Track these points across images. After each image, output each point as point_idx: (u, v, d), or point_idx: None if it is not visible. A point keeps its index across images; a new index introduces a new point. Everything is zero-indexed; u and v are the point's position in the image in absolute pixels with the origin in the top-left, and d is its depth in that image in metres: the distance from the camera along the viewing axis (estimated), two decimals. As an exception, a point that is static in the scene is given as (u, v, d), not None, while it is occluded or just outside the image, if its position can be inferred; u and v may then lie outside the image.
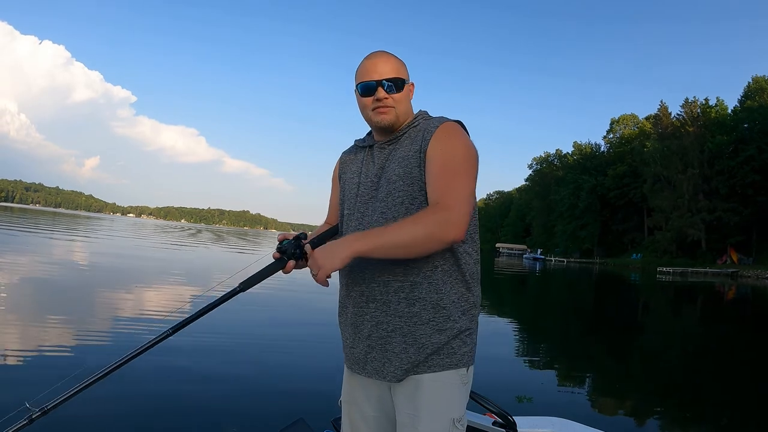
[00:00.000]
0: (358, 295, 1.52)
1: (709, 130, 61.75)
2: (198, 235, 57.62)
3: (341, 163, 1.74)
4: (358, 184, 1.59)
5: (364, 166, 1.60)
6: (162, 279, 12.44)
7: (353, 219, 1.57)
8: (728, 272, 48.09)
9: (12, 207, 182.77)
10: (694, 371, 7.45)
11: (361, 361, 1.52)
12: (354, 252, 1.29)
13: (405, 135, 1.55)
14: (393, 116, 1.53)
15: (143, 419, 3.64)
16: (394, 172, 1.49)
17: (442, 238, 1.34)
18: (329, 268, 1.29)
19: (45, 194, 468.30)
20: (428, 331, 1.43)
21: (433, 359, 1.44)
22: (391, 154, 1.55)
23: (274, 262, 1.45)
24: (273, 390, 4.52)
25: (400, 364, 1.44)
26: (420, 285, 1.44)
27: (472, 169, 1.47)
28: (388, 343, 1.46)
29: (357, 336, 1.52)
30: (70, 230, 34.71)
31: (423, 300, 1.44)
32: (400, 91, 1.54)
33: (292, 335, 7.25)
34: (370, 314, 1.48)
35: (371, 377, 1.51)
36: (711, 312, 18.02)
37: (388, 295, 1.46)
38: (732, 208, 56.60)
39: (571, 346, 8.98)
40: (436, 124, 1.51)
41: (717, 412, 5.39)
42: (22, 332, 5.72)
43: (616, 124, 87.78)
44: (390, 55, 1.57)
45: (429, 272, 1.45)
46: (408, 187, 1.46)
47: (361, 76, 1.55)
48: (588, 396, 5.62)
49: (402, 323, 1.45)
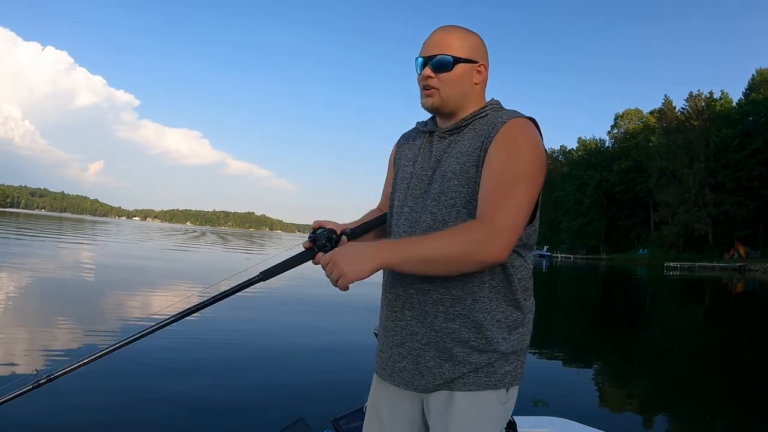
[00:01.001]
0: (393, 299, 1.38)
1: (714, 123, 61.42)
2: (206, 238, 57.76)
3: (398, 146, 1.57)
4: (411, 175, 1.42)
5: (420, 155, 1.43)
6: (176, 277, 12.47)
7: (402, 215, 1.41)
8: (736, 266, 47.81)
9: (18, 213, 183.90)
10: (699, 368, 7.39)
11: (389, 367, 1.39)
12: (382, 264, 1.17)
13: (469, 126, 1.37)
14: (436, 99, 1.36)
15: (143, 418, 3.63)
16: (450, 168, 1.33)
17: (482, 260, 1.20)
18: (351, 278, 1.16)
19: (50, 199, 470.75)
20: (467, 350, 1.29)
21: (470, 377, 1.29)
22: (450, 145, 1.37)
23: (302, 252, 1.34)
24: (273, 390, 4.51)
25: (432, 380, 1.31)
26: (462, 300, 1.28)
27: (534, 179, 1.27)
28: (421, 356, 1.32)
29: (388, 341, 1.40)
30: (85, 235, 34.86)
31: (464, 317, 1.28)
32: (446, 70, 1.34)
33: (292, 335, 7.25)
34: (405, 321, 1.35)
35: (401, 387, 1.37)
36: (718, 307, 17.91)
37: (426, 305, 1.31)
38: (738, 202, 56.28)
39: (576, 343, 8.94)
40: (503, 119, 1.31)
41: (723, 410, 5.33)
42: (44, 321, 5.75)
43: (621, 119, 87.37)
44: (452, 30, 1.37)
45: (475, 288, 1.28)
46: (463, 187, 1.29)
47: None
48: (591, 394, 5.58)
49: (438, 338, 1.30)
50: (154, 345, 5.73)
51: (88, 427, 3.47)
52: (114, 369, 4.80)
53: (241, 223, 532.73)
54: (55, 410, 3.63)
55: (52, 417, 3.51)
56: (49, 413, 3.56)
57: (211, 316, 8.09)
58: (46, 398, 3.86)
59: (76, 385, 4.23)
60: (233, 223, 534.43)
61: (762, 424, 4.85)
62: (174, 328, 6.47)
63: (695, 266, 49.29)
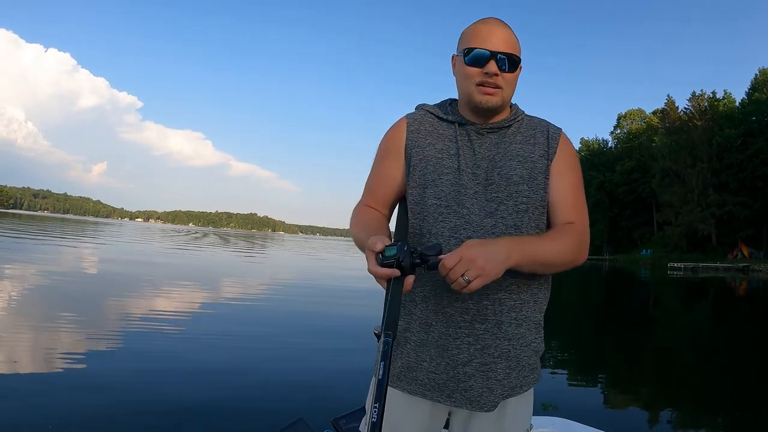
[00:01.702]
0: (458, 313, 1.26)
1: (717, 123, 61.30)
2: (208, 239, 57.87)
3: (412, 131, 1.38)
4: (458, 171, 1.29)
5: (461, 149, 1.32)
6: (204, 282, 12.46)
7: (457, 217, 1.27)
8: (739, 267, 47.65)
9: (21, 214, 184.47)
10: (703, 368, 7.34)
11: (449, 389, 1.28)
12: (512, 264, 1.14)
13: (512, 127, 1.35)
14: (500, 99, 1.29)
15: (143, 418, 3.60)
16: (515, 171, 1.28)
17: (580, 261, 1.29)
18: (492, 278, 1.09)
19: (53, 201, 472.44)
20: (529, 352, 1.31)
21: (527, 380, 1.33)
22: (498, 145, 1.32)
23: (394, 283, 1.11)
24: (273, 390, 4.48)
25: (501, 392, 1.28)
26: (527, 303, 1.31)
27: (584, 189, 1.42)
28: (491, 370, 1.26)
29: (447, 361, 1.27)
30: (90, 237, 34.94)
31: (529, 320, 1.31)
32: (514, 70, 1.29)
33: (292, 334, 7.22)
34: (475, 336, 1.25)
35: (459, 407, 1.30)
36: (722, 307, 17.83)
37: (502, 314, 1.26)
38: (742, 202, 56.18)
39: (577, 344, 8.89)
40: (557, 131, 1.37)
41: (727, 410, 5.28)
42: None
43: (623, 119, 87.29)
44: (508, 27, 1.33)
45: (536, 289, 1.33)
46: (533, 193, 1.29)
47: (471, 41, 1.29)
48: (592, 395, 5.55)
49: (510, 347, 1.28)
50: (153, 345, 5.72)
51: (88, 427, 3.43)
52: (113, 368, 4.78)
53: (243, 224, 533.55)
54: (55, 410, 3.60)
55: (51, 417, 3.48)
56: (48, 413, 3.53)
57: (211, 316, 8.07)
58: (44, 397, 3.83)
59: (75, 384, 4.21)
60: (236, 224, 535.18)
61: (764, 427, 4.80)
62: (174, 329, 6.48)
63: (699, 267, 49.13)
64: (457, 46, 1.34)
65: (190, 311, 8.24)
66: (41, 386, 4.14)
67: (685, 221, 60.64)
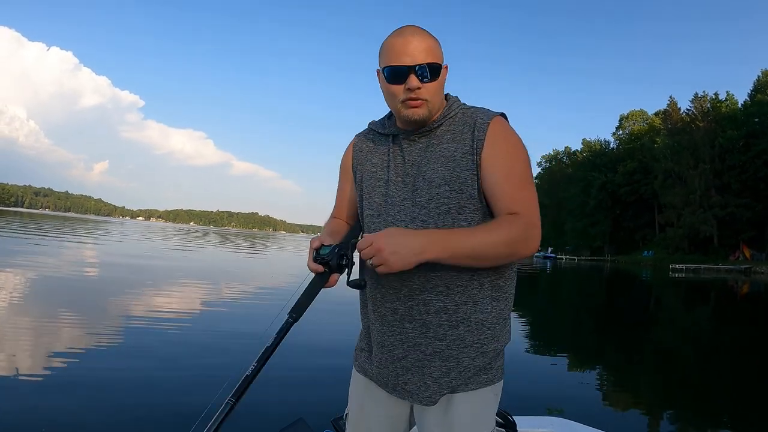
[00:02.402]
0: (389, 313, 1.33)
1: (719, 124, 61.25)
2: (209, 238, 57.90)
3: (356, 151, 1.48)
4: (386, 182, 1.36)
5: (391, 161, 1.37)
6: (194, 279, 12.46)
7: (385, 224, 1.34)
8: (741, 268, 47.61)
9: (22, 212, 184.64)
10: (704, 370, 7.32)
11: (391, 382, 1.36)
12: (429, 258, 1.14)
13: (441, 127, 1.33)
14: (426, 111, 1.29)
15: (142, 418, 3.59)
16: (437, 174, 1.28)
17: (524, 253, 1.22)
18: (396, 267, 1.12)
19: (54, 199, 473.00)
20: (471, 354, 1.29)
21: (473, 380, 1.31)
22: (427, 150, 1.32)
23: (316, 277, 1.27)
24: (273, 390, 4.46)
25: (439, 389, 1.29)
26: (464, 305, 1.27)
27: (531, 173, 1.32)
28: (426, 367, 1.29)
29: (388, 356, 1.35)
30: (92, 235, 34.97)
31: (467, 321, 1.28)
32: (436, 78, 1.27)
33: (291, 334, 7.18)
34: (406, 334, 1.31)
35: (406, 400, 1.35)
36: (724, 309, 17.79)
37: (428, 315, 1.28)
38: (744, 204, 56.12)
39: (578, 345, 8.87)
40: (485, 120, 1.29)
41: (726, 412, 5.27)
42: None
43: (625, 120, 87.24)
44: (425, 33, 1.29)
45: (474, 290, 1.28)
46: (456, 193, 1.26)
47: (389, 57, 1.27)
48: (592, 395, 5.53)
49: (443, 347, 1.28)
50: (151, 344, 5.70)
51: (88, 426, 3.42)
52: (111, 367, 4.77)
53: (244, 224, 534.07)
54: (53, 410, 3.59)
55: (48, 416, 3.47)
56: (46, 413, 3.52)
57: (209, 314, 8.06)
58: (41, 396, 3.82)
59: (75, 381, 4.19)
60: (237, 223, 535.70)
61: (764, 428, 4.78)
62: (173, 329, 6.46)
63: (701, 268, 49.09)
64: (379, 62, 1.33)
65: (188, 310, 8.24)
66: (34, 386, 4.13)
67: (687, 223, 60.55)
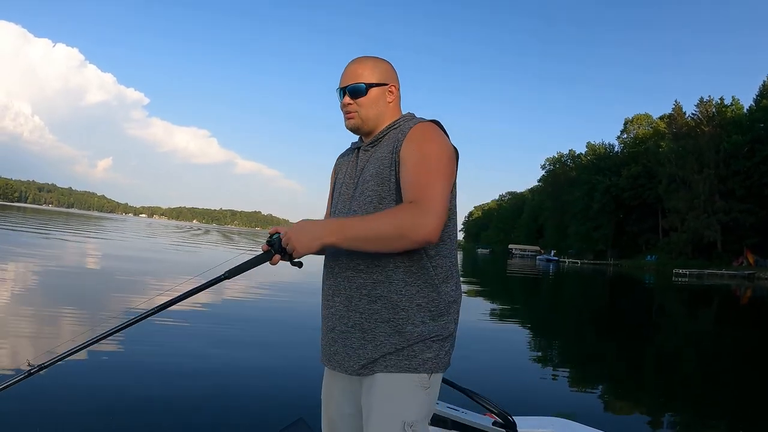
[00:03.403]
0: (327, 288, 1.56)
1: (724, 129, 60.94)
2: (210, 236, 58.01)
3: (337, 164, 1.78)
4: (342, 185, 1.62)
5: (349, 167, 1.64)
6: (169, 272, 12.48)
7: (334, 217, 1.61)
8: (745, 274, 47.42)
9: (25, 207, 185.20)
10: (705, 375, 7.30)
11: (327, 353, 1.54)
12: (326, 242, 1.33)
13: (385, 137, 1.57)
14: (357, 121, 1.58)
15: (142, 417, 3.59)
16: (369, 173, 1.52)
17: (414, 237, 1.32)
18: (301, 253, 1.35)
19: (58, 195, 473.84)
20: (387, 330, 1.42)
21: (390, 359, 1.41)
22: (371, 155, 1.56)
23: (261, 253, 1.43)
24: (273, 390, 4.46)
25: (357, 360, 1.44)
26: (381, 284, 1.43)
27: (446, 169, 1.44)
28: (348, 338, 1.47)
29: (324, 327, 1.56)
30: (86, 231, 35.08)
31: (384, 299, 1.43)
32: (361, 95, 1.56)
33: (291, 334, 7.21)
34: (335, 308, 1.50)
35: (336, 370, 1.52)
36: (727, 315, 17.74)
37: (351, 290, 1.47)
38: (748, 209, 55.85)
39: (579, 346, 8.87)
40: (410, 126, 1.51)
41: (726, 417, 5.26)
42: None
43: (630, 124, 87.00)
44: (362, 61, 1.60)
45: (390, 271, 1.43)
46: (378, 186, 1.48)
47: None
48: (591, 397, 5.56)
49: (362, 320, 1.45)
50: (151, 343, 5.69)
51: (89, 427, 3.42)
52: (111, 367, 4.77)
53: (247, 222, 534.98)
54: (52, 410, 3.59)
55: (47, 414, 3.47)
56: (45, 411, 3.52)
57: (211, 314, 8.07)
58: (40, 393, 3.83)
59: (73, 383, 4.19)
60: (239, 222, 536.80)
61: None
62: (174, 328, 6.48)
63: (704, 273, 48.92)
64: None
65: (190, 309, 8.23)
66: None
67: (690, 227, 60.31)
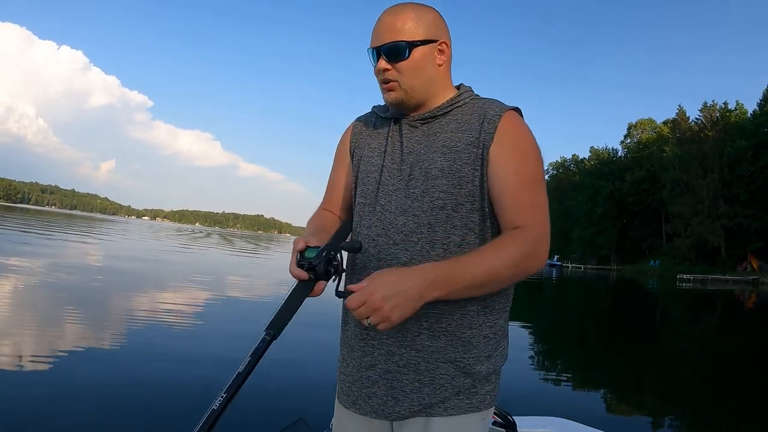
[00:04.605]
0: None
1: (728, 134, 60.90)
2: (211, 239, 58.08)
3: (355, 133, 1.36)
4: (381, 169, 1.24)
5: (389, 145, 1.25)
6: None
7: (374, 215, 1.22)
8: (749, 279, 47.30)
9: (28, 209, 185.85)
10: (708, 379, 7.25)
11: (354, 393, 1.21)
12: (430, 299, 1.03)
13: (447, 115, 1.21)
14: (399, 93, 1.19)
15: (142, 417, 3.58)
16: (435, 165, 1.16)
17: (529, 273, 1.11)
18: (397, 322, 1.00)
19: (61, 196, 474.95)
20: (451, 371, 1.14)
21: (451, 402, 1.14)
22: (427, 136, 1.20)
23: (299, 285, 1.12)
24: (273, 390, 4.43)
25: (409, 405, 1.14)
26: (450, 315, 1.14)
27: (544, 179, 1.20)
28: (397, 379, 1.15)
29: (355, 363, 1.21)
30: (103, 233, 35.15)
31: (450, 334, 1.14)
32: (401, 59, 1.16)
33: (291, 334, 7.14)
34: (379, 340, 1.17)
35: (368, 416, 1.19)
36: (730, 320, 17.66)
37: (407, 322, 1.08)
38: (752, 214, 55.80)
39: (581, 348, 8.84)
40: (497, 112, 1.17)
41: (727, 420, 5.23)
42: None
43: (634, 128, 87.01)
44: (401, 9, 1.18)
45: (464, 301, 1.13)
46: (453, 188, 1.14)
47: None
48: (592, 397, 5.55)
49: (419, 359, 1.14)
50: (152, 343, 5.68)
51: (89, 425, 3.40)
52: (111, 366, 4.75)
53: (249, 225, 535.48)
54: (53, 410, 3.57)
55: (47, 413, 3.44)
56: (44, 408, 3.49)
57: (210, 315, 8.04)
58: (39, 391, 3.80)
59: (73, 382, 4.18)
60: (242, 225, 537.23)
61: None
62: (174, 328, 6.44)
63: (708, 278, 48.76)
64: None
65: (189, 309, 8.22)
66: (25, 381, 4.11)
67: (694, 232, 60.21)
